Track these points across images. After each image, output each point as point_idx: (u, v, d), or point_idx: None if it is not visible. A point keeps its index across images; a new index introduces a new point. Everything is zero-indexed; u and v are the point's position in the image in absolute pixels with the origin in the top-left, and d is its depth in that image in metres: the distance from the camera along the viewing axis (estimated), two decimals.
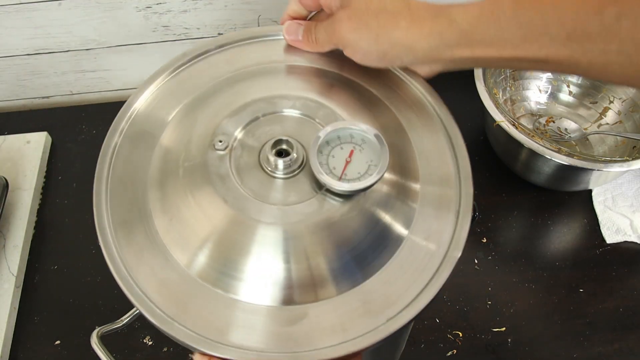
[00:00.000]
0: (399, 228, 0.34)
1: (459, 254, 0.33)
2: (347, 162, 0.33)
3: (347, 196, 0.33)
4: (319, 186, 0.33)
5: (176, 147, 0.36)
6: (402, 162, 0.36)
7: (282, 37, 0.41)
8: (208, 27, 0.73)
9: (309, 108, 0.36)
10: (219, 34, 0.74)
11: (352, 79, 0.39)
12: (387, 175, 0.34)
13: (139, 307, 0.31)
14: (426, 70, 0.40)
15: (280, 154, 0.34)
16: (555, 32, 0.32)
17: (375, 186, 0.33)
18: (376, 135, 0.33)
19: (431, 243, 0.33)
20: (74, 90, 0.81)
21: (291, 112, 0.36)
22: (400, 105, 0.39)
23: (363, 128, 0.33)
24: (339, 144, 0.33)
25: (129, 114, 0.38)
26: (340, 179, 0.32)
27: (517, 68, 0.33)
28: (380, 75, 0.40)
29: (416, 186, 0.35)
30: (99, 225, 0.34)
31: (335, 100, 0.37)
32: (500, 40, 0.33)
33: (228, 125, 0.35)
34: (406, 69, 0.40)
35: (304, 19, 0.41)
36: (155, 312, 0.31)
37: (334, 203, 0.33)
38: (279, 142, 0.34)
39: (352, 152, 0.33)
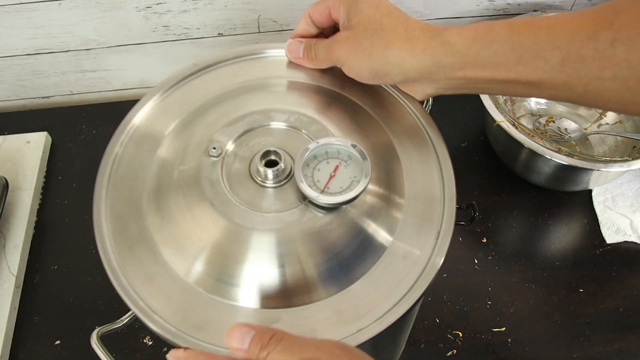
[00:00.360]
0: (379, 243, 0.35)
1: (435, 272, 0.34)
2: (331, 177, 0.34)
3: (328, 208, 0.34)
4: (303, 197, 0.34)
5: (175, 151, 0.37)
6: (389, 181, 0.37)
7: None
8: (208, 27, 0.73)
9: (302, 123, 0.38)
10: (219, 34, 0.74)
11: (351, 98, 0.41)
12: (373, 191, 0.35)
13: (124, 296, 0.33)
14: (419, 91, 0.40)
15: (270, 164, 0.35)
16: (549, 55, 0.32)
17: (359, 201, 0.34)
18: (358, 150, 0.34)
19: (409, 260, 0.34)
20: (74, 90, 0.81)
21: (285, 126, 0.38)
22: (394, 126, 0.40)
23: (345, 143, 0.35)
24: (325, 158, 0.35)
25: (135, 118, 0.40)
26: (322, 192, 0.33)
27: (512, 94, 0.34)
28: (378, 97, 0.41)
29: (400, 202, 0.36)
30: (96, 218, 0.36)
31: (330, 117, 0.38)
32: (493, 63, 0.34)
33: (223, 134, 0.37)
34: (402, 92, 0.41)
35: (314, 37, 0.42)
36: (138, 303, 0.33)
37: (316, 213, 0.34)
38: (268, 152, 0.36)
39: (337, 167, 0.34)
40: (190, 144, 0.37)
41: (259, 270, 0.33)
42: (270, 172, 0.35)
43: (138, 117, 0.40)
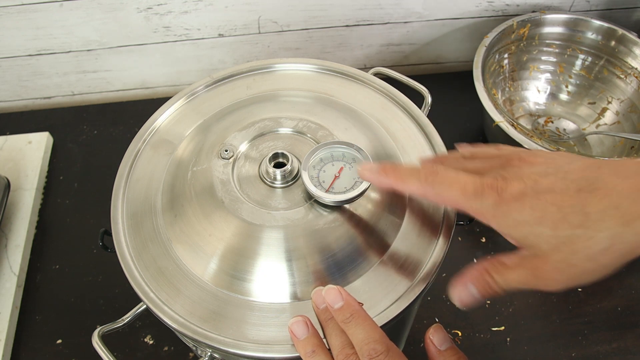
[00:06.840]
0: (381, 242, 0.36)
1: (435, 271, 0.35)
2: (336, 177, 0.36)
3: (332, 207, 0.36)
4: (309, 197, 0.36)
5: (189, 154, 0.40)
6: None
7: (299, 69, 0.45)
8: (209, 28, 0.73)
9: (310, 128, 0.40)
10: (220, 34, 0.74)
11: (354, 108, 0.43)
12: (375, 193, 0.37)
13: (137, 291, 0.34)
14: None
15: (278, 165, 0.37)
16: None
17: (361, 201, 0.36)
18: (362, 154, 0.36)
19: (410, 259, 0.36)
20: (75, 90, 0.81)
21: (293, 131, 0.40)
22: (396, 131, 0.42)
23: (349, 146, 0.36)
24: (331, 161, 0.36)
25: (153, 125, 0.43)
26: (326, 191, 0.35)
27: None
28: (380, 106, 0.43)
29: (402, 203, 0.38)
30: (113, 216, 0.38)
31: (335, 124, 0.40)
32: None
33: (235, 138, 0.39)
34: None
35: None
36: (149, 296, 0.34)
37: (320, 212, 0.35)
38: (276, 155, 0.37)
39: (341, 169, 0.36)
40: (204, 148, 0.39)
41: (266, 265, 0.34)
42: (278, 173, 0.36)
43: (156, 124, 0.43)
